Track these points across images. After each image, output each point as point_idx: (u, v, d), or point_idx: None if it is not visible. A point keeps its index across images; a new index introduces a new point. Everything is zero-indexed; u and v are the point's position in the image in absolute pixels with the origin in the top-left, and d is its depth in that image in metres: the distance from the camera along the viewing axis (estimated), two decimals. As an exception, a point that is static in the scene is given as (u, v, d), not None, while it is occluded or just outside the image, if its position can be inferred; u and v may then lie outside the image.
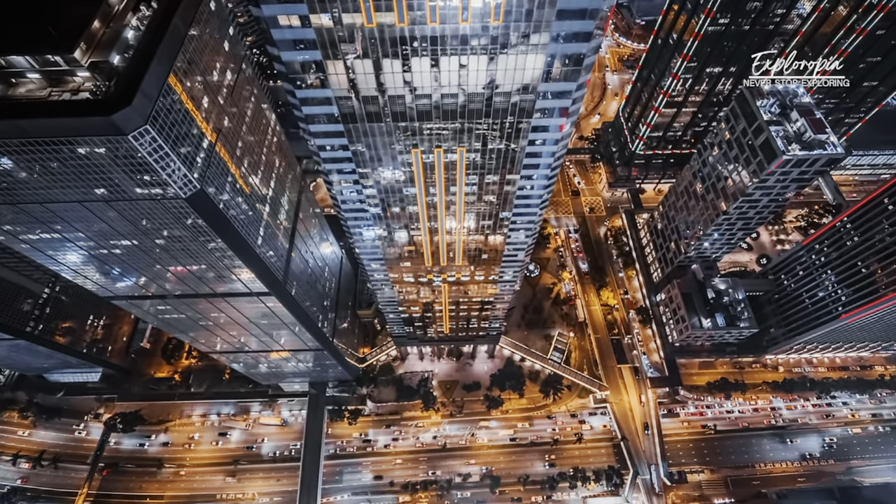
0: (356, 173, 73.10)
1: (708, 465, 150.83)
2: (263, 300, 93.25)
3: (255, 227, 79.60)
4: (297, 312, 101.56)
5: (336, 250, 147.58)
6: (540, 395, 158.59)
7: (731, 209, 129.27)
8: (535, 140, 68.13)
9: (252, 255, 79.65)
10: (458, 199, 79.24)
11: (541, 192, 79.42)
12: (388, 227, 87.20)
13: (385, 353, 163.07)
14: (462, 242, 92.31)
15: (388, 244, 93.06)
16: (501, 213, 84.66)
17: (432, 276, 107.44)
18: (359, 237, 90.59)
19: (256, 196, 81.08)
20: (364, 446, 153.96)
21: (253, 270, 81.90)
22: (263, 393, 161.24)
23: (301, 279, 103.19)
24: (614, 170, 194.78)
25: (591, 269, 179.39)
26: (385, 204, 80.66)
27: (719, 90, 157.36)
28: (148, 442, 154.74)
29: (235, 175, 73.79)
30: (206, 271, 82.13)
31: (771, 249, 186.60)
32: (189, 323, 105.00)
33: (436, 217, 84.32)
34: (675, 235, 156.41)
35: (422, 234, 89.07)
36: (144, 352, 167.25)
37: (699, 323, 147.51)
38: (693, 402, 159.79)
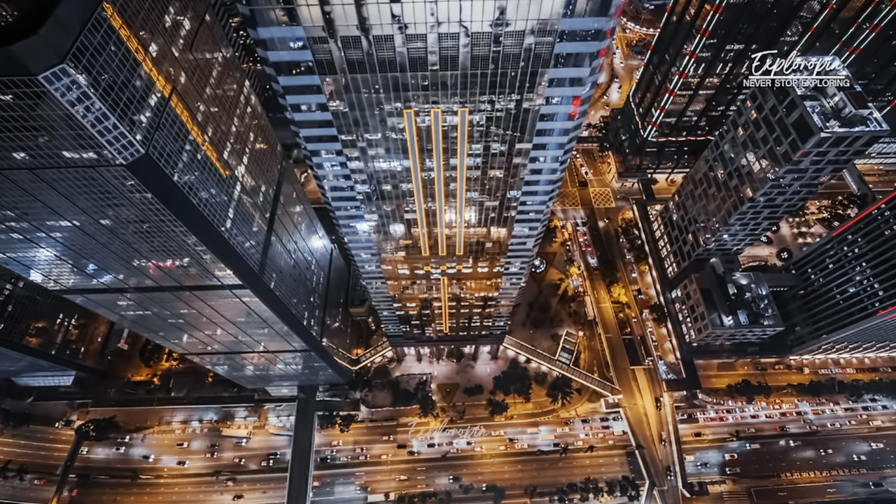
0: (339, 141, 61.74)
1: (730, 475, 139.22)
2: (238, 294, 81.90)
3: (222, 207, 68.20)
4: (277, 309, 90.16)
5: (326, 244, 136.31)
6: (547, 399, 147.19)
7: (758, 196, 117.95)
8: (552, 98, 56.79)
9: (219, 240, 68.22)
10: (459, 173, 67.83)
11: (554, 167, 68.03)
12: (378, 209, 75.80)
13: (380, 355, 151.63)
14: (463, 228, 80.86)
15: (379, 231, 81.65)
16: (509, 193, 73.23)
17: (430, 269, 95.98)
18: (346, 223, 79.23)
19: (224, 173, 69.60)
20: (357, 455, 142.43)
21: (222, 259, 70.52)
22: (249, 397, 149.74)
23: (282, 272, 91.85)
24: (624, 159, 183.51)
25: (601, 264, 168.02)
26: (374, 181, 69.29)
27: (738, 73, 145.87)
28: (123, 450, 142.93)
29: (198, 142, 62.43)
30: (168, 260, 70.70)
31: (792, 243, 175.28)
32: (157, 321, 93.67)
33: (433, 197, 72.91)
34: (692, 227, 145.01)
35: (418, 217, 77.64)
36: (121, 353, 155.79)
37: (720, 321, 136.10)
38: (712, 407, 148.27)
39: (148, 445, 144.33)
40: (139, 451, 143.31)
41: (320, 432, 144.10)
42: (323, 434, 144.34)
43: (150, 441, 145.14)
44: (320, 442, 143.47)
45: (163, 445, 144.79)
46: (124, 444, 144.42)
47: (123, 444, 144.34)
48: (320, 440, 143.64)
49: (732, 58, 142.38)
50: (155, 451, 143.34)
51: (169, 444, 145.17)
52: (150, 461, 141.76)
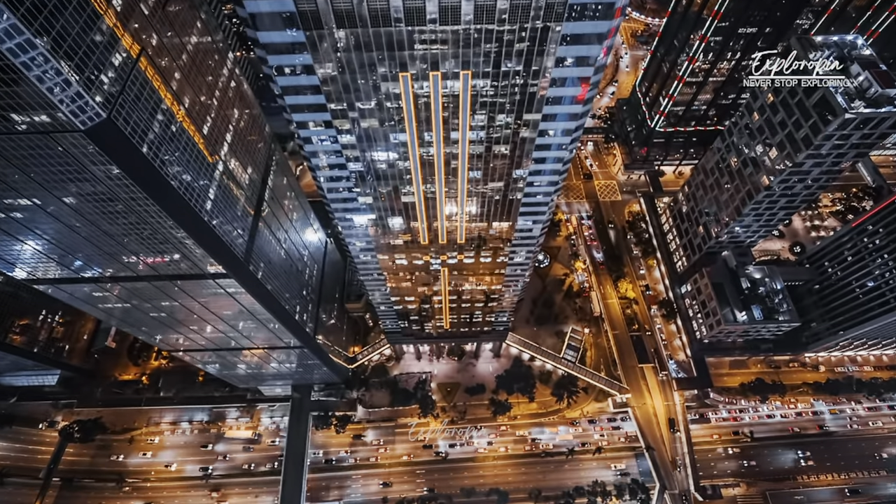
0: (328, 111, 55.76)
1: (744, 477, 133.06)
2: (222, 284, 75.87)
3: (202, 187, 62.20)
4: (266, 301, 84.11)
5: (321, 237, 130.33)
6: (552, 398, 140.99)
7: (775, 184, 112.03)
8: (564, 59, 50.84)
9: (198, 223, 62.22)
10: (460, 149, 61.81)
11: (564, 141, 62.03)
12: (373, 191, 69.81)
13: (378, 353, 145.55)
14: (465, 212, 74.85)
15: (374, 216, 75.64)
16: (515, 172, 67.24)
17: (429, 258, 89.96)
18: (338, 208, 73.25)
19: (204, 150, 63.59)
20: (353, 457, 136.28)
21: (202, 245, 64.55)
22: (241, 397, 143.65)
23: (272, 262, 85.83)
24: (630, 150, 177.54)
25: (607, 259, 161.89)
26: (368, 158, 63.30)
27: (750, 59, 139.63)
28: (109, 452, 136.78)
29: (172, 112, 56.47)
30: (143, 246, 64.66)
31: (804, 236, 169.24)
32: (139, 315, 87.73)
33: (433, 177, 66.94)
34: (703, 218, 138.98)
35: (416, 200, 71.63)
36: (109, 352, 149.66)
37: (732, 316, 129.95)
38: (725, 406, 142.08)
39: (135, 447, 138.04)
40: (126, 452, 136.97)
41: (315, 433, 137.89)
42: (319, 435, 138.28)
43: (138, 443, 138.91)
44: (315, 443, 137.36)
45: (151, 447, 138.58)
46: (111, 445, 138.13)
47: (110, 446, 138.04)
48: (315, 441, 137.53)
49: (744, 43, 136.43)
50: (142, 453, 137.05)
51: (157, 445, 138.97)
52: (136, 463, 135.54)
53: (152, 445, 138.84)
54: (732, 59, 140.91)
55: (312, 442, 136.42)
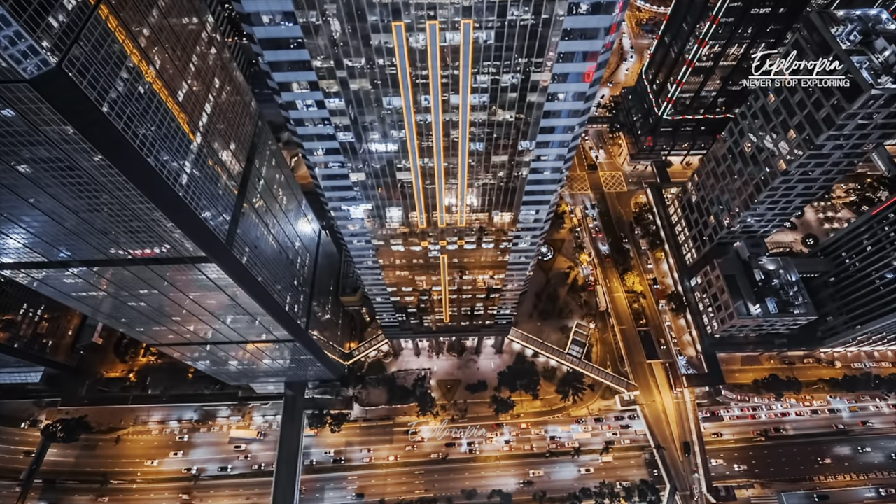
0: (312, 69, 49.93)
1: (758, 478, 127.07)
2: (203, 269, 69.96)
3: (175, 156, 56.24)
4: (251, 288, 78.22)
5: (315, 227, 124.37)
6: (557, 396, 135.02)
7: (792, 169, 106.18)
8: (578, 4, 45.02)
9: (171, 198, 56.36)
10: (461, 115, 55.96)
11: (577, 106, 56.12)
12: (365, 166, 63.95)
13: (375, 349, 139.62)
14: (465, 188, 68.95)
15: (367, 197, 69.77)
16: (521, 143, 61.36)
17: (427, 244, 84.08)
18: (327, 186, 67.45)
19: (179, 116, 57.74)
20: (349, 457, 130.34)
21: (176, 222, 58.59)
22: (232, 395, 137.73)
23: (258, 247, 79.95)
24: (637, 140, 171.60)
25: (613, 252, 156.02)
26: (358, 125, 57.42)
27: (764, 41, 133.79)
28: (94, 453, 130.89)
29: (140, 70, 50.66)
30: (112, 223, 58.76)
31: (817, 228, 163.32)
32: (119, 306, 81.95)
33: (430, 149, 61.08)
34: (714, 208, 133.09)
35: (413, 177, 65.78)
36: (95, 348, 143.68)
37: (746, 309, 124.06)
38: (737, 404, 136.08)
39: (121, 447, 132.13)
40: (111, 453, 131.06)
41: (309, 432, 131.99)
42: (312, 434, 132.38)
43: (125, 442, 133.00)
44: (308, 443, 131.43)
45: (138, 447, 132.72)
46: (96, 445, 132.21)
47: (95, 446, 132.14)
48: (309, 441, 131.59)
49: (757, 25, 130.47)
50: (129, 454, 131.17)
51: (144, 445, 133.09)
52: (122, 464, 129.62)
53: (139, 445, 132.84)
54: (744, 42, 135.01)
55: (306, 441, 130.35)
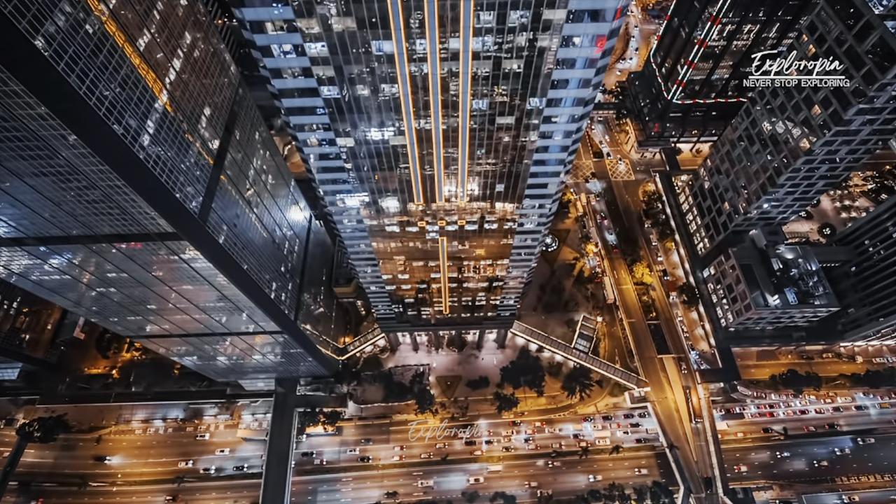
0: (288, 4, 42.80)
1: (776, 479, 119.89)
2: (174, 249, 62.75)
3: (131, 111, 48.96)
4: (230, 271, 70.99)
5: (306, 215, 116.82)
6: (563, 392, 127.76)
7: (817, 147, 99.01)
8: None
9: (129, 159, 49.04)
10: (461, 64, 48.78)
11: (593, 54, 48.93)
12: (353, 127, 56.71)
13: (370, 343, 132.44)
14: (467, 158, 61.73)
15: (355, 164, 62.57)
16: (529, 101, 54.14)
17: (425, 224, 76.88)
18: (312, 154, 60.34)
19: (139, 66, 50.51)
20: (344, 458, 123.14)
21: (138, 190, 51.30)
22: (220, 393, 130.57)
23: (237, 227, 72.63)
24: (644, 126, 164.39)
25: (621, 242, 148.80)
26: (345, 79, 50.26)
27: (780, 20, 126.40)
28: (73, 453, 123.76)
29: (90, 7, 43.48)
30: (61, 191, 51.47)
31: (834, 218, 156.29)
32: (82, 290, 74.54)
33: (427, 107, 53.86)
34: (729, 194, 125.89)
35: (407, 140, 58.56)
36: (77, 343, 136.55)
37: (763, 300, 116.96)
38: (753, 401, 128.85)
39: (103, 448, 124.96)
40: (92, 453, 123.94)
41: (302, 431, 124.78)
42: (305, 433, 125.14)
43: (106, 442, 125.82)
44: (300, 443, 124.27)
45: (120, 447, 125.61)
46: (76, 445, 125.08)
47: (75, 446, 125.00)
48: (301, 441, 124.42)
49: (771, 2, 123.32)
50: (110, 454, 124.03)
51: (127, 445, 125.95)
52: (103, 465, 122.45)
53: (122, 445, 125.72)
54: (759, 20, 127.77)
55: (297, 441, 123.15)
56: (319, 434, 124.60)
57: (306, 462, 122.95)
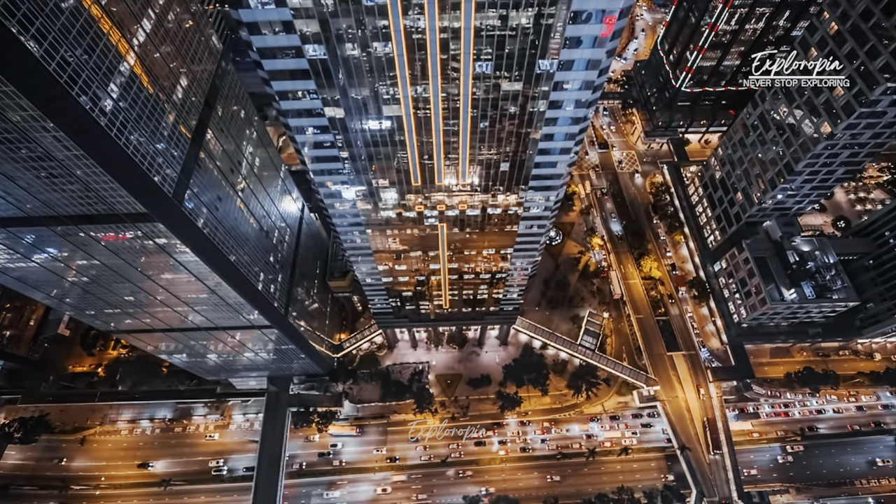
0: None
1: (793, 482, 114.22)
2: (145, 230, 57.10)
3: (91, 71, 43.37)
4: (210, 257, 65.34)
5: (298, 205, 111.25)
6: (568, 391, 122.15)
7: (839, 131, 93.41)
8: None
9: (83, 120, 43.35)
10: (462, 18, 43.17)
11: (614, 5, 43.33)
12: (342, 96, 51.10)
13: (367, 340, 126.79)
14: (469, 129, 56.06)
15: (346, 139, 56.92)
16: (539, 64, 48.52)
17: (423, 208, 71.26)
18: (297, 126, 54.73)
19: (104, 24, 44.91)
20: (338, 460, 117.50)
21: (100, 162, 45.66)
22: (210, 392, 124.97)
23: (219, 210, 66.96)
24: (651, 116, 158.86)
25: (628, 235, 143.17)
26: (331, 37, 44.64)
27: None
28: (56, 455, 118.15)
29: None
30: (14, 163, 45.88)
31: (848, 210, 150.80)
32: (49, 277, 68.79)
33: (423, 67, 48.23)
34: (742, 184, 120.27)
35: (402, 110, 52.93)
36: (61, 340, 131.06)
37: (779, 294, 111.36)
38: (768, 400, 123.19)
39: (86, 449, 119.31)
40: (75, 455, 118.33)
41: (294, 432, 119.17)
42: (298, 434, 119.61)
43: (91, 444, 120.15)
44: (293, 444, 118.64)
45: (105, 449, 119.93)
46: (59, 447, 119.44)
47: (57, 448, 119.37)
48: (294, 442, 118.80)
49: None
50: (94, 457, 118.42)
51: (112, 447, 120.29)
52: (87, 468, 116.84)
53: (107, 447, 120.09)
54: (773, 1, 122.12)
55: (290, 442, 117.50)
56: (344, 434, 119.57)
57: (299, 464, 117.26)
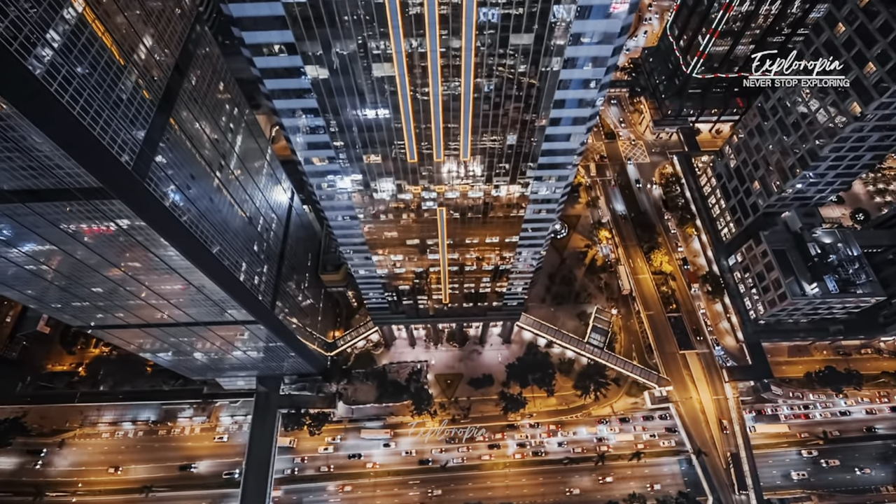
0: None
1: (815, 488, 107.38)
2: (104, 209, 50.26)
3: (29, 12, 36.56)
4: (181, 241, 58.46)
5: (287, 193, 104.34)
6: (575, 392, 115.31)
7: (870, 111, 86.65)
8: None
9: (16, 67, 36.55)
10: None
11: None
12: (323, 45, 44.28)
13: (362, 338, 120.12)
14: (472, 90, 49.18)
15: (331, 104, 50.12)
16: (555, 10, 41.68)
17: (420, 191, 64.46)
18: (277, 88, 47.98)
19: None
20: (332, 465, 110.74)
21: (36, 122, 38.79)
22: (196, 392, 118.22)
23: (192, 189, 60.04)
24: (660, 105, 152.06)
25: (637, 228, 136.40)
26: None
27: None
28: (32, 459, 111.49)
29: None
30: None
31: (867, 202, 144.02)
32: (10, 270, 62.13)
33: (421, 21, 41.46)
34: (760, 172, 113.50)
35: (395, 69, 46.12)
36: (40, 338, 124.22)
37: (799, 289, 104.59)
38: (787, 401, 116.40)
39: (65, 453, 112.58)
40: (52, 460, 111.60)
41: (285, 435, 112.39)
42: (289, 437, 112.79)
43: (70, 447, 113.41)
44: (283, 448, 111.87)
45: (84, 453, 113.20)
46: (35, 451, 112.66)
47: (35, 452, 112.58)
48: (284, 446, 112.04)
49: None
50: (72, 461, 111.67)
51: (92, 451, 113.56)
52: (64, 473, 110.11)
53: (87, 450, 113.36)
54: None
55: (280, 446, 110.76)
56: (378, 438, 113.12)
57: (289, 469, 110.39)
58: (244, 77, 79.16)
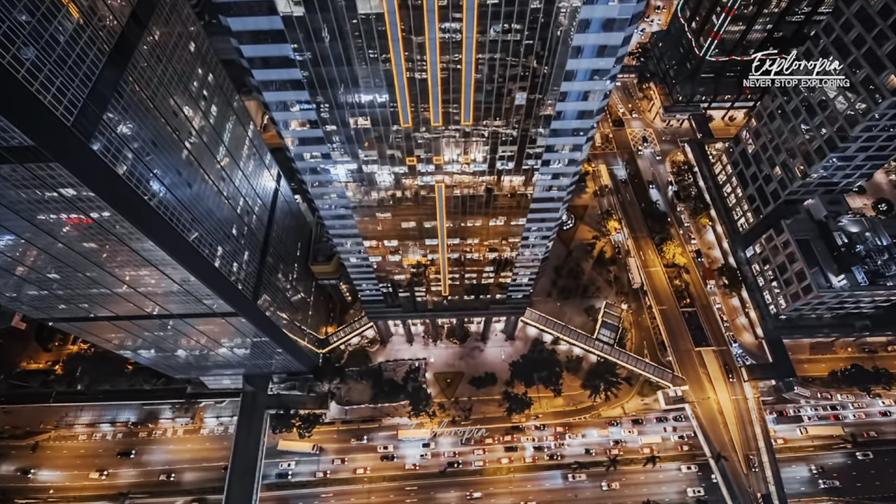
0: None
1: (842, 496, 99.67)
2: (41, 176, 42.84)
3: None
4: (139, 216, 51.01)
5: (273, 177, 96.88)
6: (583, 392, 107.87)
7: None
8: None
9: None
10: None
11: None
12: None
13: (357, 334, 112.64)
14: (474, 45, 41.77)
15: (314, 49, 42.75)
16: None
17: (416, 161, 56.97)
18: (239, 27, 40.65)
19: None
20: (323, 470, 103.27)
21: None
22: (179, 392, 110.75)
23: (153, 156, 52.48)
24: (671, 91, 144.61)
25: (647, 218, 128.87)
26: None
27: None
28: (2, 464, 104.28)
29: None
30: None
31: (890, 192, 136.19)
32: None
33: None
34: (782, 156, 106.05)
35: (384, 7, 38.65)
36: (14, 333, 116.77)
37: (825, 281, 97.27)
38: (811, 402, 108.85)
39: (38, 457, 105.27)
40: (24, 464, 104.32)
41: (273, 437, 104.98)
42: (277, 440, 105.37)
43: (44, 450, 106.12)
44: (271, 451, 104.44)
45: (59, 457, 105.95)
46: (7, 454, 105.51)
47: (6, 455, 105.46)
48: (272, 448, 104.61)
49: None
50: (46, 465, 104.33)
51: (68, 454, 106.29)
52: (39, 479, 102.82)
53: (62, 454, 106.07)
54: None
55: (268, 449, 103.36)
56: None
57: (277, 474, 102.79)
58: (231, 58, 72.34)
